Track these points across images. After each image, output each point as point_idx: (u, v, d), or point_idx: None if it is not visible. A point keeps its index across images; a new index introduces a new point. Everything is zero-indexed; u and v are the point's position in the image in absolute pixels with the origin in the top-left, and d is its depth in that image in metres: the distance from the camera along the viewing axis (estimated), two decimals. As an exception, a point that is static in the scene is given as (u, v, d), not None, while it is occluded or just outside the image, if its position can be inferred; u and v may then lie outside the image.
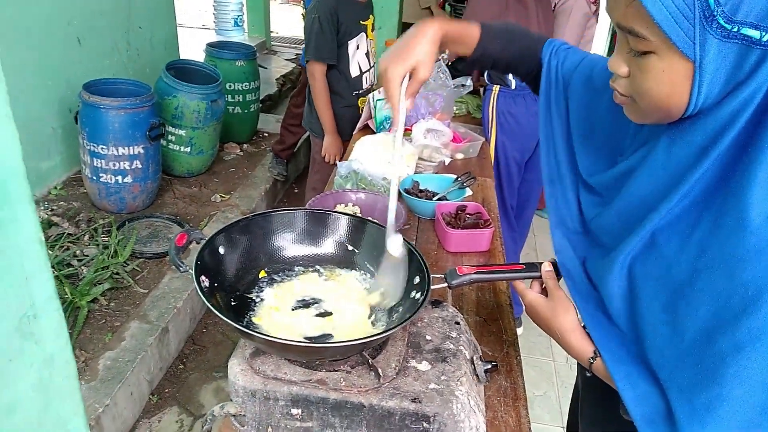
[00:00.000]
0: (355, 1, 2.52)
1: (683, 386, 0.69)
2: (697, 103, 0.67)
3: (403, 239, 1.01)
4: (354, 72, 2.59)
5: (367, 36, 2.58)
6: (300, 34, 7.77)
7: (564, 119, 1.02)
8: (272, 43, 6.90)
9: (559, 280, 0.98)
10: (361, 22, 2.53)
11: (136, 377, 2.17)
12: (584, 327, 0.90)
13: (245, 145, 4.21)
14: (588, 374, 0.88)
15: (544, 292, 0.97)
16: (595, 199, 0.93)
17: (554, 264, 0.99)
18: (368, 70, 2.69)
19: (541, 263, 1.00)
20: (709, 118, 0.69)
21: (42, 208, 2.99)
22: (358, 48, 2.54)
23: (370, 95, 2.34)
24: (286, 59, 6.38)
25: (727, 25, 0.62)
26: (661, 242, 0.75)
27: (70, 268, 2.48)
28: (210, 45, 4.03)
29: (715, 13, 0.61)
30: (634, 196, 0.80)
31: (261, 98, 4.40)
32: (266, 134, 4.45)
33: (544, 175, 1.03)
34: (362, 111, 2.44)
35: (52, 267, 2.37)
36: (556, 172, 1.01)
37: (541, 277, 0.99)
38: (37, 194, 3.06)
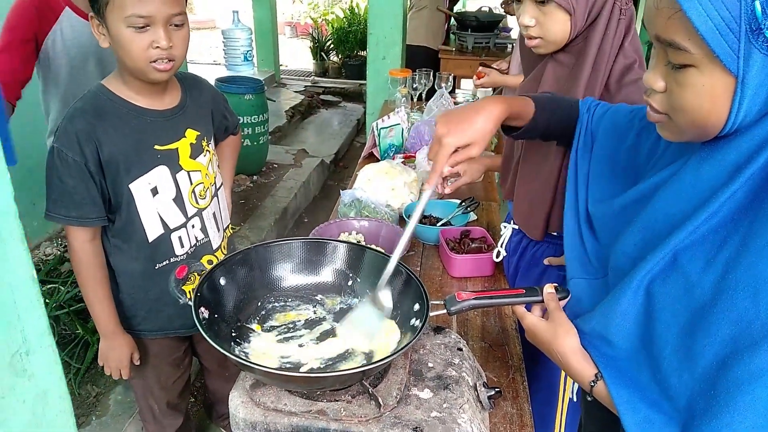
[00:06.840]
0: (141, 110, 1.34)
1: (696, 413, 0.67)
2: (736, 120, 0.66)
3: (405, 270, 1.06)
4: (153, 232, 1.41)
5: (182, 166, 1.41)
6: (309, 65, 7.91)
7: (586, 169, 1.04)
8: (281, 76, 7.02)
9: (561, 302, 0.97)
10: (159, 146, 1.37)
11: (147, 412, 2.16)
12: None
13: (255, 177, 4.27)
14: (589, 398, 0.86)
15: (545, 316, 0.96)
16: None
17: (556, 288, 0.98)
18: (186, 224, 1.45)
19: (543, 287, 0.99)
20: (745, 136, 0.67)
21: (55, 245, 3.04)
22: (156, 192, 1.39)
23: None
24: (295, 91, 6.51)
25: None
26: (684, 262, 0.73)
27: (82, 304, 2.50)
28: (219, 80, 4.10)
29: (762, 26, 0.60)
30: (659, 212, 0.78)
31: (270, 130, 4.46)
32: (276, 165, 4.51)
33: (567, 225, 1.04)
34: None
35: (63, 304, 2.41)
36: (576, 220, 1.02)
37: (542, 300, 0.98)
38: (50, 231, 3.11)
